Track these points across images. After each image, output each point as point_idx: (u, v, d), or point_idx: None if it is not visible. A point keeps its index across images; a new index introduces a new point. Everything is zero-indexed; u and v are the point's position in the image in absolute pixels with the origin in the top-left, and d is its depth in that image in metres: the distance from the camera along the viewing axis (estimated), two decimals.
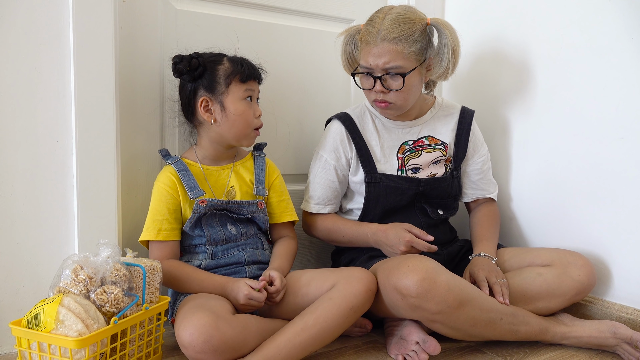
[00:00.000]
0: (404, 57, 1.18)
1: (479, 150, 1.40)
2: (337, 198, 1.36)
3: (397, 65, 1.18)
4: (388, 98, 1.23)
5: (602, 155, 1.27)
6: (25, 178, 1.11)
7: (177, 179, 1.18)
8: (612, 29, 1.24)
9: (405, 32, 1.17)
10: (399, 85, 1.20)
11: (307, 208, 1.36)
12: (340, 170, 1.33)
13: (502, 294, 1.12)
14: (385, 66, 1.19)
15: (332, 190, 1.33)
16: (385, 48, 1.18)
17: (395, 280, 1.06)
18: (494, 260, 1.24)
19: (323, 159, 1.33)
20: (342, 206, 1.39)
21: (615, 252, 1.26)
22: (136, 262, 1.01)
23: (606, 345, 1.13)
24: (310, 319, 1.03)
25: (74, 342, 0.84)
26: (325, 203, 1.34)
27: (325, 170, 1.33)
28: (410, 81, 1.21)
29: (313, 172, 1.35)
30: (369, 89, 1.25)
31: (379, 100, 1.24)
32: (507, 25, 1.49)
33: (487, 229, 1.36)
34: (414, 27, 1.18)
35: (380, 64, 1.19)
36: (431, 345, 1.06)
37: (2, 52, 1.07)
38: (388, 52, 1.18)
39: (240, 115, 1.18)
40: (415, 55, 1.19)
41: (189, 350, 0.95)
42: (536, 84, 1.42)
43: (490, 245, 1.30)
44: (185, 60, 1.16)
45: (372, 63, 1.20)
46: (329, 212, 1.35)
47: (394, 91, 1.22)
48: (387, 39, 1.17)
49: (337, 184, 1.33)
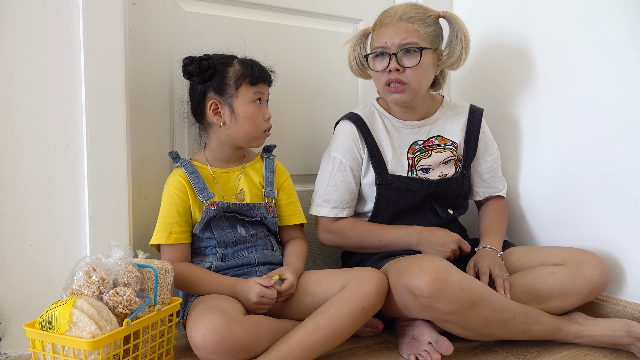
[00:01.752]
0: (420, 37, 1.21)
1: (489, 149, 1.40)
2: (353, 201, 1.33)
3: (414, 41, 1.20)
4: (403, 77, 1.22)
5: (613, 152, 1.26)
6: (37, 180, 1.11)
7: (186, 182, 1.18)
8: (624, 25, 1.23)
9: (421, 15, 1.22)
10: (415, 61, 1.20)
11: (322, 213, 1.31)
12: (356, 171, 1.31)
13: (503, 287, 1.12)
14: (402, 42, 1.20)
15: (350, 193, 1.31)
16: (402, 26, 1.21)
17: (407, 280, 1.05)
18: (499, 254, 1.25)
19: (337, 160, 1.30)
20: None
21: (628, 250, 1.25)
22: (148, 263, 1.02)
23: (620, 344, 1.12)
24: (322, 320, 1.03)
25: (87, 344, 0.84)
26: (343, 206, 1.31)
27: (341, 172, 1.30)
28: (424, 61, 1.21)
29: (326, 175, 1.31)
30: (382, 70, 1.24)
31: (393, 80, 1.22)
32: (516, 21, 1.48)
33: (494, 224, 1.37)
34: (427, 13, 1.23)
35: (397, 42, 1.20)
36: (444, 345, 1.05)
37: (14, 55, 1.07)
38: (405, 30, 1.20)
39: (249, 118, 1.18)
40: (430, 38, 1.22)
41: (202, 352, 0.95)
42: (546, 81, 1.41)
43: (496, 239, 1.31)
44: (195, 62, 1.16)
45: (387, 42, 1.21)
46: (347, 216, 1.32)
47: (409, 69, 1.21)
48: (403, 19, 1.21)
49: (354, 185, 1.31)
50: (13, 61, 1.07)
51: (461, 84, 1.68)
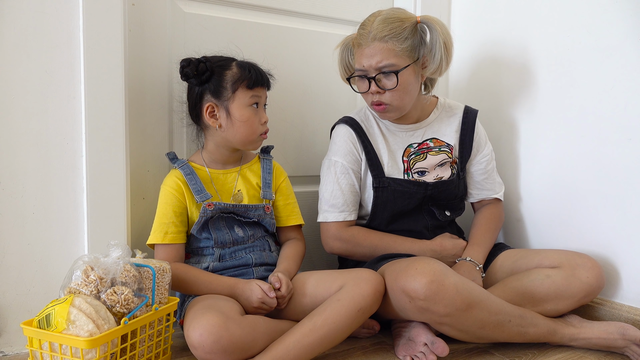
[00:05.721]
0: (396, 55, 1.18)
1: (482, 149, 1.39)
2: (358, 204, 1.33)
3: (389, 63, 1.18)
4: (384, 99, 1.22)
5: (609, 156, 1.27)
6: (36, 179, 1.12)
7: (183, 183, 1.19)
8: (619, 29, 1.23)
9: (395, 30, 1.18)
10: (393, 84, 1.20)
11: (330, 219, 1.29)
12: (357, 172, 1.31)
13: None
14: (378, 65, 1.19)
15: (355, 195, 1.31)
16: (377, 47, 1.18)
17: (403, 282, 1.05)
18: (478, 267, 1.25)
19: (339, 164, 1.30)
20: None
21: (623, 254, 1.26)
22: (146, 263, 1.02)
23: (615, 347, 1.12)
24: (318, 320, 1.04)
25: (85, 342, 0.85)
26: (350, 210, 1.30)
27: (345, 175, 1.30)
28: (404, 79, 1.20)
29: (329, 180, 1.30)
30: (364, 92, 1.25)
31: (375, 102, 1.24)
32: (514, 26, 1.49)
33: (482, 234, 1.36)
34: (403, 25, 1.19)
35: (374, 64, 1.19)
36: (439, 347, 1.06)
37: (14, 55, 1.08)
38: (380, 51, 1.18)
39: (245, 122, 1.18)
40: (407, 53, 1.19)
41: (199, 351, 0.95)
42: (543, 85, 1.42)
43: (479, 251, 1.31)
44: (193, 64, 1.16)
45: (365, 64, 1.20)
46: (354, 219, 1.32)
47: (389, 91, 1.21)
48: (377, 38, 1.18)
49: (357, 187, 1.31)
50: (13, 61, 1.08)
51: (458, 87, 1.69)
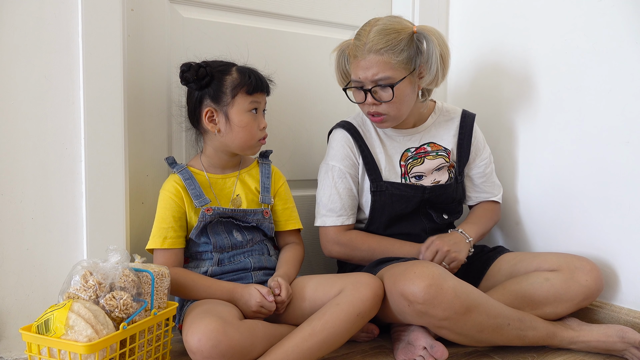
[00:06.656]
0: (392, 67, 1.18)
1: (480, 153, 1.40)
2: (356, 208, 1.34)
3: (385, 76, 1.18)
4: (381, 110, 1.23)
5: (608, 159, 1.27)
6: (35, 184, 1.12)
7: (182, 188, 1.19)
8: (617, 33, 1.24)
9: (391, 42, 1.17)
10: (389, 97, 1.20)
11: (328, 223, 1.30)
12: (355, 177, 1.32)
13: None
14: (374, 78, 1.19)
15: (352, 199, 1.31)
16: (372, 60, 1.18)
17: (401, 286, 1.05)
18: (468, 239, 1.25)
19: (336, 168, 1.30)
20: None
21: (622, 256, 1.26)
22: (144, 268, 1.02)
23: (614, 350, 1.12)
24: (317, 325, 1.04)
25: (83, 348, 0.85)
26: (348, 214, 1.31)
27: (342, 179, 1.30)
28: (400, 91, 1.20)
29: (327, 184, 1.31)
30: (361, 102, 1.25)
31: (372, 112, 1.24)
32: (512, 31, 1.50)
33: (477, 217, 1.37)
34: (399, 37, 1.18)
35: (370, 76, 1.19)
36: (438, 351, 1.06)
37: (13, 60, 1.08)
38: (375, 64, 1.18)
39: (244, 127, 1.18)
40: (403, 65, 1.19)
41: (197, 356, 0.95)
42: (542, 89, 1.42)
43: (473, 228, 1.31)
44: (193, 69, 1.16)
45: (361, 76, 1.20)
46: (352, 223, 1.32)
47: (385, 102, 1.21)
48: (373, 51, 1.17)
49: (355, 191, 1.32)
50: (12, 66, 1.08)
51: (457, 91, 1.69)
